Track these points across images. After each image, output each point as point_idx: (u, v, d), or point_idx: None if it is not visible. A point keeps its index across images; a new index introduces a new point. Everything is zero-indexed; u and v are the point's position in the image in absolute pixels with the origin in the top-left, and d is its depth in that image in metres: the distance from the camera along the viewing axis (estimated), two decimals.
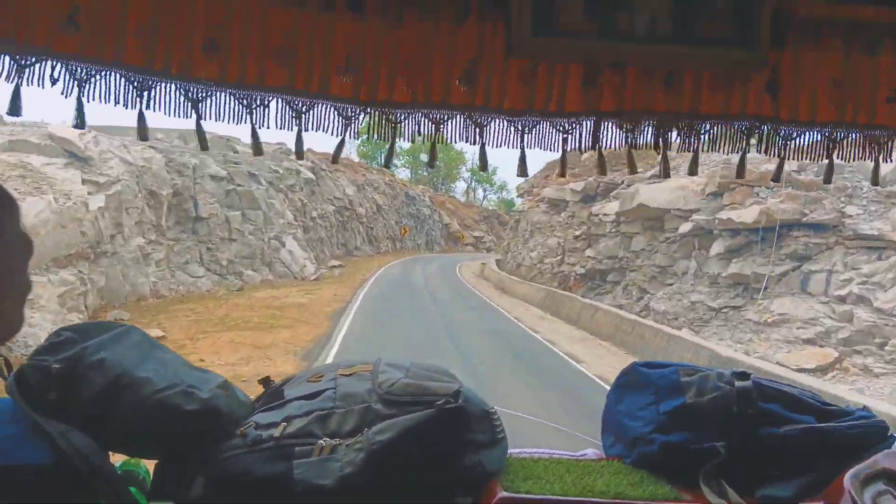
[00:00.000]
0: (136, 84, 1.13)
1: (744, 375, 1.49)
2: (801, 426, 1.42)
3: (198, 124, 1.18)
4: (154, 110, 1.14)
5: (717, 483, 1.35)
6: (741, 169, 1.34)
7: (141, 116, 1.17)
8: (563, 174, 1.42)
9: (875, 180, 1.40)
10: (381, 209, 50.56)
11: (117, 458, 1.38)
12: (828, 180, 1.35)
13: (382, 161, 1.41)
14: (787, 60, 1.18)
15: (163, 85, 1.14)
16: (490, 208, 76.59)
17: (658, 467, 1.44)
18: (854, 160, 1.30)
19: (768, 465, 1.39)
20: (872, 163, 1.32)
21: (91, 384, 1.24)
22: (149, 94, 1.13)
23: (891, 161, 1.29)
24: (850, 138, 1.28)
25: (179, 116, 1.16)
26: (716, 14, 1.12)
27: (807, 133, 1.27)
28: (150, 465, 1.38)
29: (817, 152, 1.28)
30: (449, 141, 1.22)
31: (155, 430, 1.26)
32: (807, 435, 1.41)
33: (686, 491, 1.35)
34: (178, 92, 1.14)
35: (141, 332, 1.40)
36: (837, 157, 1.29)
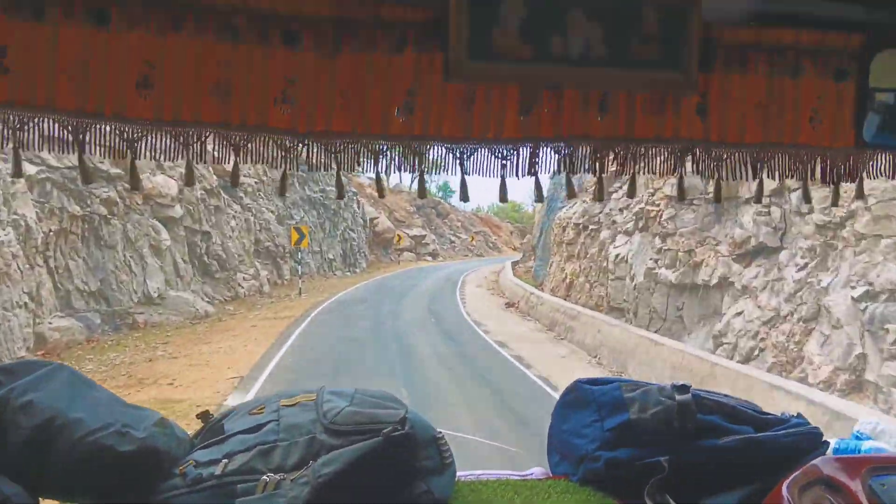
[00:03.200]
0: (69, 128, 1.09)
1: (683, 389, 1.52)
2: (740, 437, 1.46)
3: (132, 165, 1.15)
4: (91, 153, 1.10)
5: (661, 496, 1.37)
6: (681, 191, 1.38)
7: (81, 161, 1.13)
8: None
9: (807, 198, 1.45)
10: (242, 190, 23.59)
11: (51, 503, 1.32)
12: (758, 199, 1.40)
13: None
14: (714, 84, 1.22)
15: (97, 127, 1.10)
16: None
17: (604, 484, 1.46)
18: (782, 179, 1.36)
19: (711, 476, 1.42)
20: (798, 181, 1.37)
21: (19, 428, 1.18)
22: (83, 138, 1.10)
23: (814, 179, 1.34)
24: (776, 158, 1.33)
25: (116, 157, 1.13)
26: (646, 38, 1.15)
27: (736, 153, 1.31)
28: None
29: (747, 172, 1.32)
30: (389, 171, 1.22)
31: (88, 474, 1.21)
32: (745, 445, 1.45)
33: None
34: (113, 133, 1.11)
35: (70, 370, 1.34)
36: (766, 176, 1.34)
